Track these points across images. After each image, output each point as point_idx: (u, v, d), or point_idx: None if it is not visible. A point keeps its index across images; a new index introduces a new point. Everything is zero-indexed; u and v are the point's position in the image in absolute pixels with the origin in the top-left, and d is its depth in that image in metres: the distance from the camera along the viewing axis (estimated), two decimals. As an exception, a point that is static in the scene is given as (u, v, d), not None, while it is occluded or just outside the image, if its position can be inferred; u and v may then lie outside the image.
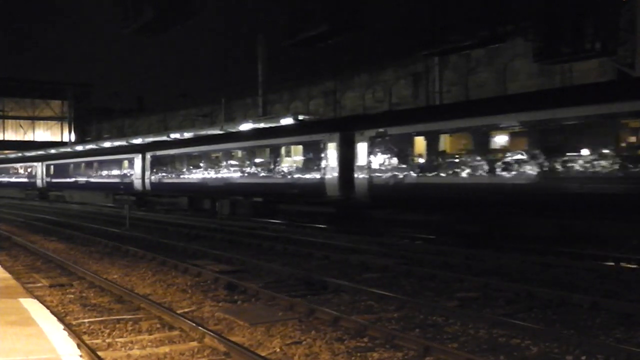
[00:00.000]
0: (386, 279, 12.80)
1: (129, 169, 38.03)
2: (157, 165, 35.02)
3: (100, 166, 42.89)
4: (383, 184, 20.11)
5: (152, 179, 35.33)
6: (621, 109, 14.35)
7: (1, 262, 14.35)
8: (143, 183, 36.21)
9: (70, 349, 6.12)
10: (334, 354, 7.44)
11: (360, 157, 21.00)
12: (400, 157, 19.66)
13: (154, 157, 35.47)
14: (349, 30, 21.13)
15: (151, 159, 35.62)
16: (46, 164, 52.94)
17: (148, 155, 35.93)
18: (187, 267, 13.74)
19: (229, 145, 29.29)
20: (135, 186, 36.91)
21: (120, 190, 39.62)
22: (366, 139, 20.81)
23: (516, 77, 29.80)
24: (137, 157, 36.92)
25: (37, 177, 54.01)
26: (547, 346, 7.67)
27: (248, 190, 27.17)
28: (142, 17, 21.29)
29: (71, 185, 47.67)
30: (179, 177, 32.84)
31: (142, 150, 37.00)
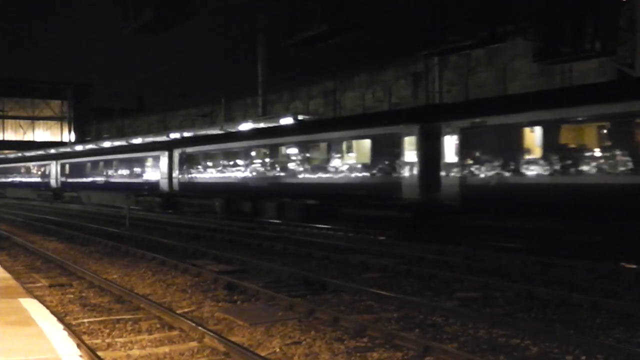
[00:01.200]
0: (386, 278, 12.80)
1: (154, 168, 35.14)
2: (187, 164, 32.07)
3: (121, 165, 39.72)
4: (480, 185, 17.25)
5: (181, 179, 32.46)
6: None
7: (1, 262, 14.35)
8: (170, 183, 33.38)
9: (70, 349, 6.12)
10: (334, 354, 7.44)
11: (449, 152, 18.19)
12: (507, 153, 16.66)
13: (183, 154, 32.44)
14: (348, 30, 21.15)
15: (180, 156, 32.61)
16: (61, 163, 49.82)
17: (176, 152, 32.98)
18: (187, 267, 13.74)
19: (276, 140, 26.02)
20: (161, 186, 34.14)
21: (143, 191, 36.77)
22: (456, 131, 17.96)
23: (516, 77, 29.80)
24: (163, 155, 33.99)
25: (51, 177, 51.07)
26: (547, 346, 7.67)
27: (300, 192, 24.24)
28: (142, 17, 21.31)
29: (88, 186, 44.59)
30: (214, 177, 30.01)
31: (170, 147, 34.06)
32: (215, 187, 29.82)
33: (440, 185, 18.38)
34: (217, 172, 29.74)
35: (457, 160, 17.96)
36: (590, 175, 14.89)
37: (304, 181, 23.90)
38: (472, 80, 32.20)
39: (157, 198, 35.23)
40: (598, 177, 14.72)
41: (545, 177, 15.80)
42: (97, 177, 42.83)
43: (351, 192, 21.69)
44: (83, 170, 45.29)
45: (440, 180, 18.38)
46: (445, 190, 18.25)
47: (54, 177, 50.43)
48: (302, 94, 44.76)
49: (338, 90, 41.14)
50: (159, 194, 34.72)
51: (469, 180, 17.60)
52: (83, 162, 45.95)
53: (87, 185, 44.59)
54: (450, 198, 18.12)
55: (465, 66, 32.39)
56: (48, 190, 51.97)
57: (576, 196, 15.07)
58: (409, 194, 19.39)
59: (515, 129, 16.64)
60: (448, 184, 18.17)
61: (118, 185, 39.76)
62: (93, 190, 43.88)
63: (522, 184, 16.24)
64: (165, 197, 34.41)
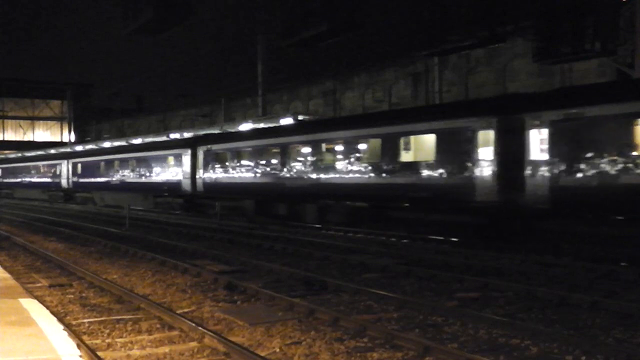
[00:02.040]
0: (386, 279, 12.80)
1: (175, 167, 32.63)
2: (212, 162, 29.58)
3: (138, 164, 37.09)
4: (577, 186, 15.09)
5: (206, 179, 29.92)
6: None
7: (1, 262, 14.36)
8: (193, 183, 30.86)
9: (70, 349, 6.12)
10: (334, 354, 7.44)
11: (536, 148, 16.14)
12: (615, 148, 14.44)
13: (208, 152, 29.98)
14: (348, 30, 21.10)
15: (205, 154, 30.13)
16: (72, 162, 46.93)
17: (201, 150, 30.47)
18: (187, 267, 13.74)
19: (319, 136, 23.57)
20: (183, 187, 31.67)
21: (163, 192, 34.25)
22: (546, 124, 15.87)
23: (516, 77, 29.83)
24: (185, 153, 31.54)
25: (62, 177, 48.29)
26: (546, 346, 7.67)
27: (346, 193, 21.99)
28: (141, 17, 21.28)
29: (102, 186, 41.90)
30: (244, 176, 27.48)
31: (193, 144, 31.51)
32: (245, 188, 27.39)
33: (523, 186, 16.30)
34: (247, 172, 27.24)
35: (547, 157, 15.81)
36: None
37: (354, 181, 21.52)
38: (472, 80, 32.22)
39: (178, 199, 33.16)
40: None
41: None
42: (112, 177, 40.43)
43: (411, 194, 19.40)
44: (97, 169, 42.81)
45: (524, 180, 16.28)
46: (530, 191, 16.15)
47: (65, 177, 47.86)
48: (302, 94, 44.77)
49: (338, 91, 41.16)
50: (180, 194, 32.53)
51: (563, 181, 15.42)
52: (96, 161, 43.25)
53: (101, 185, 42.17)
54: (537, 201, 16.00)
55: (465, 66, 32.41)
56: (59, 190, 49.72)
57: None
58: (484, 196, 17.21)
59: (626, 120, 14.39)
60: (534, 184, 16.05)
61: (135, 186, 37.40)
62: (107, 191, 41.56)
63: (634, 184, 14.09)
64: (188, 198, 32.19)
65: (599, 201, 14.87)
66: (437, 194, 18.51)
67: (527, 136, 16.29)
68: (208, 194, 30.11)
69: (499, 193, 16.88)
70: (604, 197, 14.72)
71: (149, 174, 35.61)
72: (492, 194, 17.03)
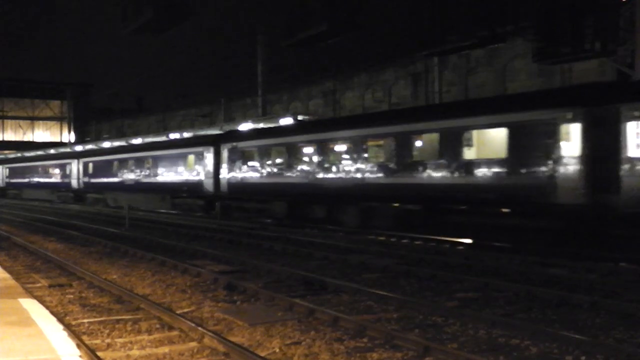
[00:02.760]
0: (386, 279, 12.80)
1: (197, 166, 30.54)
2: (238, 161, 27.50)
3: (155, 163, 34.85)
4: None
5: (231, 179, 27.87)
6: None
7: (1, 262, 14.36)
8: (216, 183, 28.85)
9: (70, 349, 6.12)
10: (334, 354, 7.43)
11: (634, 143, 14.39)
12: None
13: (234, 150, 27.89)
14: (348, 30, 21.10)
15: (230, 152, 28.07)
16: (83, 162, 44.70)
17: (225, 147, 28.50)
18: (187, 268, 13.73)
19: (364, 132, 21.59)
20: (205, 187, 29.71)
21: (182, 193, 32.22)
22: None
23: (516, 77, 29.84)
24: (207, 151, 29.59)
25: (72, 177, 46.12)
26: (546, 346, 7.67)
27: (395, 194, 19.99)
28: (141, 17, 21.28)
29: (115, 186, 39.77)
30: (274, 176, 25.36)
31: (216, 141, 29.51)
32: (275, 188, 25.26)
33: (619, 187, 14.56)
34: (279, 171, 25.14)
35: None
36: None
37: (402, 181, 19.53)
38: (472, 81, 32.22)
39: (198, 200, 31.08)
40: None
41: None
42: (126, 177, 38.12)
43: (473, 195, 17.53)
44: (109, 169, 40.48)
45: (620, 180, 14.54)
46: (627, 193, 14.44)
47: (75, 177, 45.67)
48: (302, 94, 44.79)
49: (338, 91, 41.17)
50: (201, 195, 30.45)
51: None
52: (109, 161, 40.87)
53: (114, 186, 39.89)
54: (636, 204, 14.34)
55: (465, 66, 32.41)
56: (69, 191, 47.62)
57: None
58: (568, 198, 15.38)
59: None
60: (633, 185, 14.35)
61: (151, 186, 35.13)
62: (121, 192, 39.23)
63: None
64: (210, 199, 30.02)
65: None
66: (507, 195, 16.71)
67: (624, 129, 14.58)
68: (233, 194, 28.13)
69: (586, 194, 15.12)
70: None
71: (167, 173, 33.53)
72: (577, 195, 15.25)
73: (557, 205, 15.69)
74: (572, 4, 19.97)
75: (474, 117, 18.10)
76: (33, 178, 54.75)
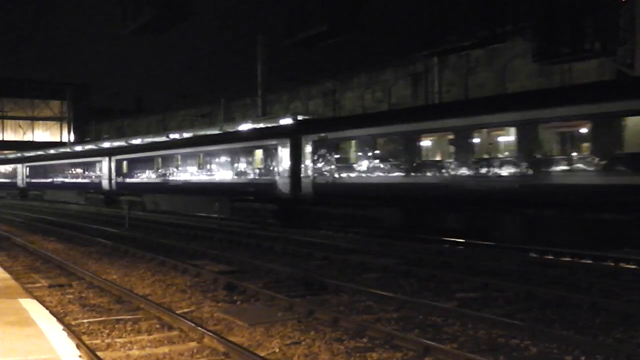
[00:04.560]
0: (385, 279, 12.80)
1: (268, 163, 25.64)
2: (328, 155, 22.51)
3: (209, 160, 29.88)
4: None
5: (318, 178, 22.82)
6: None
7: (1, 262, 14.36)
8: (295, 183, 23.95)
9: (70, 349, 6.12)
10: (333, 354, 7.44)
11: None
12: None
13: (322, 142, 22.87)
14: (348, 30, 21.08)
15: (316, 145, 23.14)
16: (117, 159, 39.67)
17: (308, 140, 23.60)
18: (187, 268, 13.74)
19: (533, 115, 16.24)
20: (280, 188, 24.76)
21: (246, 194, 27.06)
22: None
23: (516, 77, 29.82)
24: (283, 144, 24.80)
25: (103, 177, 41.19)
26: (546, 346, 7.67)
27: (585, 198, 15.16)
28: (141, 17, 21.27)
29: (156, 188, 34.77)
30: (384, 175, 20.18)
31: (295, 132, 24.75)
32: (385, 190, 20.16)
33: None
34: (392, 168, 19.93)
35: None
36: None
37: (608, 181, 14.63)
38: (472, 81, 32.20)
39: (269, 205, 25.63)
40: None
41: None
42: (171, 177, 32.94)
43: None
44: (149, 167, 35.48)
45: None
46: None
47: (107, 176, 40.51)
48: (302, 94, 44.78)
49: (337, 91, 41.17)
50: (274, 198, 25.23)
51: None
52: (149, 158, 35.69)
53: (155, 187, 34.83)
54: None
55: (465, 66, 32.40)
56: (98, 193, 42.37)
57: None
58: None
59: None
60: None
61: (203, 187, 29.92)
62: (163, 194, 34.36)
63: None
64: (285, 202, 24.81)
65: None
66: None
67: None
68: (319, 197, 22.88)
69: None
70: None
71: (225, 172, 28.44)
72: None
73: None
74: (572, 4, 19.97)
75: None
76: (57, 178, 49.37)
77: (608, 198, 14.74)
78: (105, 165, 41.00)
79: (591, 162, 14.97)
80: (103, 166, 41.30)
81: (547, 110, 16.09)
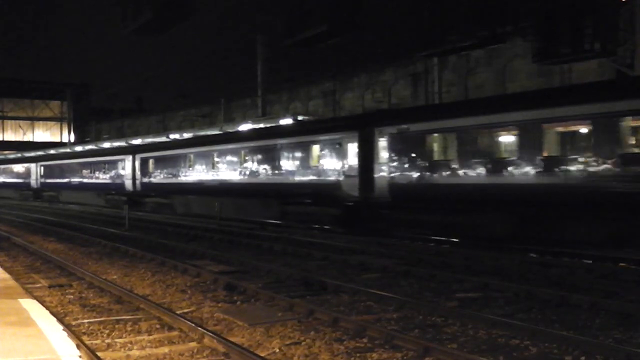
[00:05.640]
0: (385, 279, 12.80)
1: (328, 160, 22.11)
2: (411, 152, 19.10)
3: (251, 156, 26.40)
4: None
5: (396, 177, 19.46)
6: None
7: (1, 262, 14.36)
8: (366, 184, 20.46)
9: (70, 349, 6.12)
10: (333, 354, 7.44)
11: None
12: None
13: (401, 136, 19.42)
14: (348, 30, 21.09)
15: (394, 140, 19.63)
16: (142, 157, 36.19)
17: (384, 133, 20.02)
18: (187, 268, 13.74)
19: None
20: (344, 189, 21.15)
21: (300, 196, 23.54)
22: None
23: (515, 78, 29.81)
24: (349, 138, 21.26)
25: (126, 177, 37.73)
26: (546, 346, 7.67)
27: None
28: (141, 17, 21.27)
29: (187, 189, 31.04)
30: (487, 172, 17.02)
31: (365, 125, 21.12)
32: (493, 193, 16.88)
33: None
34: (502, 165, 16.75)
35: None
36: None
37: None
38: (472, 81, 32.20)
39: (330, 209, 22.01)
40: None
41: None
42: (205, 176, 29.56)
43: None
44: (179, 166, 31.82)
45: None
46: None
47: (130, 176, 37.11)
48: (302, 95, 44.77)
49: (337, 91, 41.16)
50: (338, 201, 21.60)
51: None
52: (180, 155, 32.03)
53: (188, 188, 31.01)
54: None
55: (465, 67, 32.39)
56: (121, 194, 38.94)
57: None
58: None
59: None
60: None
61: (245, 189, 26.42)
62: (197, 196, 30.48)
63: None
64: (352, 207, 21.19)
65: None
66: None
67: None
68: (399, 201, 19.49)
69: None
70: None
71: (275, 171, 24.94)
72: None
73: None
74: (572, 4, 19.99)
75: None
76: (74, 178, 45.75)
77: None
78: (128, 164, 37.54)
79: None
80: (126, 165, 37.86)
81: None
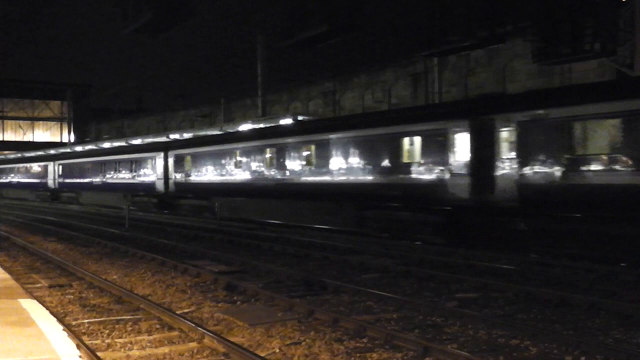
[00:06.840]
0: (385, 279, 12.81)
1: (427, 155, 18.42)
2: (551, 143, 15.16)
3: (321, 151, 22.48)
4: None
5: (529, 175, 15.53)
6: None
7: (1, 262, 14.36)
8: (478, 184, 16.80)
9: (70, 349, 6.13)
10: (333, 354, 7.44)
11: None
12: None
13: (534, 124, 15.45)
14: (348, 30, 21.09)
15: (522, 129, 15.68)
16: (176, 154, 32.22)
17: (504, 123, 16.19)
18: (187, 268, 13.74)
19: None
20: (450, 190, 17.56)
21: (384, 199, 19.73)
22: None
23: (515, 78, 29.81)
24: (454, 130, 17.53)
25: (156, 175, 33.80)
26: (546, 347, 7.68)
27: None
28: (141, 17, 21.28)
29: (235, 190, 27.09)
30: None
31: (472, 114, 17.29)
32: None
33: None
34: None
35: None
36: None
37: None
38: (472, 81, 32.20)
39: (430, 215, 18.34)
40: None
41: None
42: (260, 175, 25.59)
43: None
44: (225, 163, 28.04)
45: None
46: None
47: (162, 175, 33.12)
48: (302, 95, 44.78)
49: (337, 91, 41.17)
50: (436, 205, 18.07)
51: None
52: (226, 151, 28.09)
53: (236, 188, 27.01)
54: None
55: (465, 67, 32.39)
56: (150, 196, 35.05)
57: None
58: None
59: None
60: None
61: (310, 190, 22.77)
62: (248, 198, 26.75)
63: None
64: (459, 213, 17.56)
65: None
66: None
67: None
68: (532, 206, 15.60)
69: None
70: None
71: (351, 169, 20.98)
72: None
73: None
74: (572, 4, 19.98)
75: None
76: (97, 177, 41.71)
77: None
78: (159, 161, 33.51)
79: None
80: (157, 163, 33.81)
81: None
